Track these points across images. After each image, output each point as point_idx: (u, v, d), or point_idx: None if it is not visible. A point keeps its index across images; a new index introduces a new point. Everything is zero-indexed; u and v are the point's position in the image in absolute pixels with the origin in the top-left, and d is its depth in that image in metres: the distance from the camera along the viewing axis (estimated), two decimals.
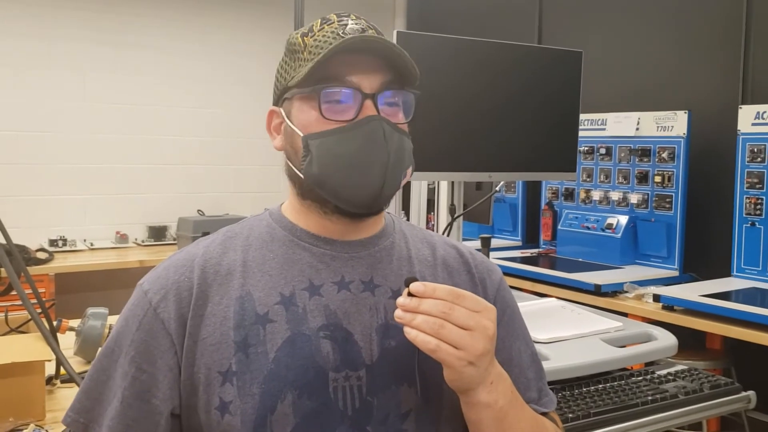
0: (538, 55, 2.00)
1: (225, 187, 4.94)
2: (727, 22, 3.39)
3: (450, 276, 1.04)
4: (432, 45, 1.82)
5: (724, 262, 3.16)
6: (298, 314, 0.92)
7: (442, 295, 0.85)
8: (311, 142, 0.93)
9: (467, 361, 0.84)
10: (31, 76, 4.32)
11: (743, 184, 3.07)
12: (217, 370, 0.89)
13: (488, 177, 1.94)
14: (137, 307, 0.95)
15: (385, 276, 0.98)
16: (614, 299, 2.99)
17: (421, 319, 0.84)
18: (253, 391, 0.88)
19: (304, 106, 0.95)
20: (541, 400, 1.05)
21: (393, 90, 0.95)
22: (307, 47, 0.95)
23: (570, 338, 1.71)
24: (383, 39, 0.93)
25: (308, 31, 0.97)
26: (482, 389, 0.88)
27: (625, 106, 3.66)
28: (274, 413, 0.88)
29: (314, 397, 0.89)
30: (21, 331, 1.90)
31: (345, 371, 0.91)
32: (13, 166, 4.29)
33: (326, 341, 0.92)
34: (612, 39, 3.92)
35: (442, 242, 1.08)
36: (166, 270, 0.96)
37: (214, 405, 0.89)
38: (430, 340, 0.83)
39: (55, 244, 4.21)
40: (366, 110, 0.92)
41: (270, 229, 1.00)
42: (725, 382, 1.62)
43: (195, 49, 4.83)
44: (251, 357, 0.90)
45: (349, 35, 0.93)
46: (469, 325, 0.84)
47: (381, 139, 0.91)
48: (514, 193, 4.21)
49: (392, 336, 0.93)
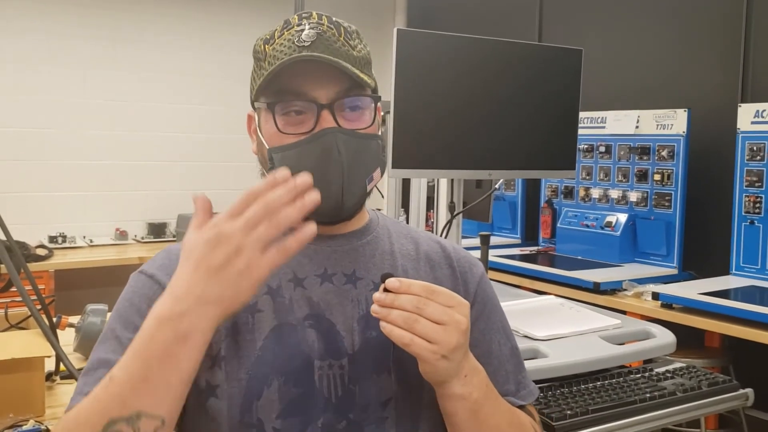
0: (539, 53, 2.00)
1: (225, 183, 4.93)
2: (727, 20, 3.39)
3: (432, 270, 1.06)
4: (432, 42, 1.82)
5: (723, 260, 3.16)
6: (284, 305, 0.95)
7: (417, 290, 0.87)
8: (275, 156, 0.97)
9: (441, 354, 0.86)
10: (30, 72, 4.32)
11: (742, 182, 3.07)
12: (207, 353, 0.90)
13: (488, 175, 1.94)
14: (144, 287, 0.96)
15: (367, 269, 1.01)
16: (613, 297, 2.99)
17: (396, 314, 0.86)
18: (240, 376, 0.91)
19: (267, 116, 0.98)
20: (519, 393, 1.07)
21: (350, 97, 0.97)
22: (267, 57, 0.97)
23: (568, 335, 1.71)
24: (330, 47, 0.95)
25: (270, 38, 0.99)
26: (456, 382, 0.91)
27: (625, 104, 3.66)
28: (261, 398, 0.91)
29: (300, 384, 0.92)
30: (21, 328, 1.91)
31: (329, 360, 0.94)
32: (12, 162, 4.29)
33: (311, 330, 0.95)
34: (612, 37, 3.91)
35: (426, 237, 1.11)
36: (168, 257, 0.99)
37: (200, 387, 0.91)
38: (404, 335, 0.85)
39: (54, 240, 4.22)
40: (323, 121, 0.95)
41: None
42: (723, 379, 1.62)
43: (195, 45, 4.83)
44: (240, 344, 0.93)
45: (304, 41, 0.95)
46: (443, 319, 0.86)
47: (335, 153, 0.94)
48: (514, 191, 4.21)
49: (373, 327, 0.96)
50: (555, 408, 1.43)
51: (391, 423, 0.96)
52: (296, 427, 0.91)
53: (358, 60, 0.97)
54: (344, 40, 0.97)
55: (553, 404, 1.45)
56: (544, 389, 1.52)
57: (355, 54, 0.97)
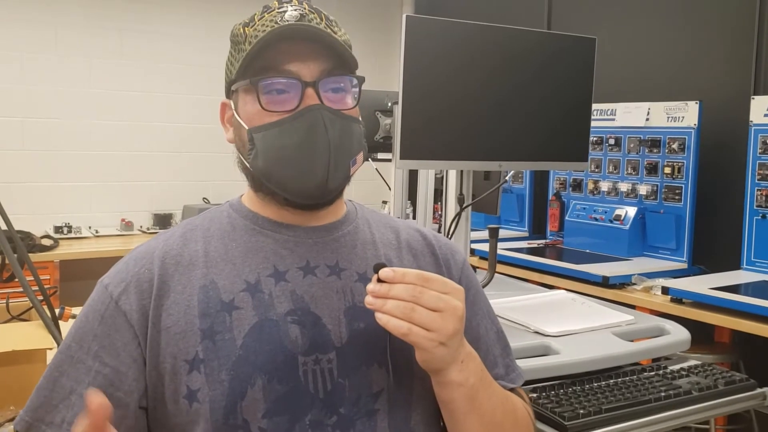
0: (551, 42, 1.96)
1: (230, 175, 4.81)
2: (740, 11, 3.34)
3: (415, 258, 1.06)
4: (440, 30, 1.78)
5: (734, 254, 3.13)
6: (264, 300, 0.93)
7: (412, 279, 0.86)
8: (255, 135, 0.94)
9: (438, 342, 0.86)
10: (36, 62, 4.30)
11: (754, 176, 3.03)
12: (183, 358, 0.89)
13: (498, 166, 1.90)
14: (97, 302, 0.94)
15: (350, 260, 0.99)
16: (622, 291, 2.96)
17: (392, 304, 0.85)
18: (221, 377, 0.89)
19: (247, 97, 0.96)
20: (508, 376, 1.08)
21: (334, 76, 0.95)
22: (247, 38, 0.95)
23: (580, 332, 1.68)
24: (314, 27, 0.93)
25: (249, 21, 0.97)
26: (454, 368, 0.90)
27: (636, 96, 3.62)
28: (245, 399, 0.88)
29: (284, 381, 0.90)
30: (23, 319, 1.89)
31: (315, 354, 0.92)
32: (18, 152, 4.27)
33: (294, 326, 0.92)
34: (622, 28, 3.86)
35: (405, 226, 1.11)
36: (126, 264, 0.97)
37: (182, 394, 0.89)
38: (402, 325, 0.85)
39: (60, 231, 4.21)
40: (307, 99, 0.93)
41: (231, 219, 1.02)
42: (740, 378, 1.58)
43: (201, 35, 4.79)
44: (218, 344, 0.90)
45: (287, 20, 0.93)
46: (439, 306, 0.86)
47: (322, 129, 0.92)
48: (522, 184, 4.17)
49: (361, 318, 0.95)
50: (567, 407, 1.39)
51: (383, 415, 0.94)
52: (283, 425, 0.89)
53: (342, 42, 0.96)
54: (326, 24, 0.96)
55: (565, 403, 1.41)
56: (556, 387, 1.48)
57: (337, 37, 0.96)
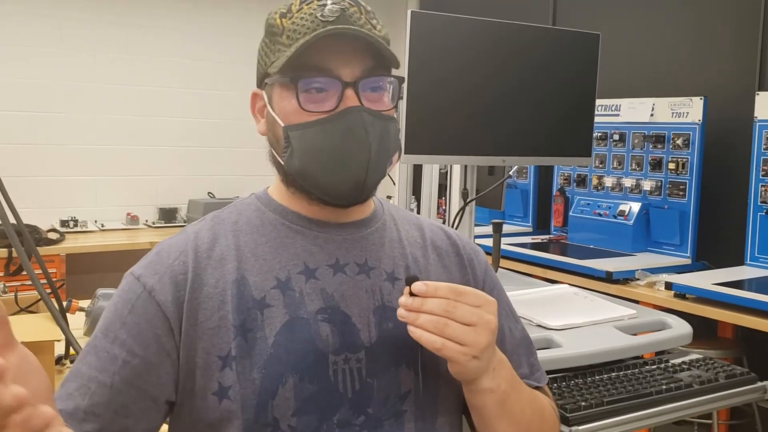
0: (555, 37, 1.97)
1: (236, 169, 4.92)
2: (745, 6, 3.33)
3: (440, 258, 1.04)
4: (445, 25, 1.79)
5: (738, 250, 3.13)
6: (295, 298, 0.92)
7: (444, 293, 0.85)
8: (292, 134, 0.92)
9: (472, 356, 0.85)
10: (42, 57, 4.31)
11: (759, 171, 3.03)
12: (216, 354, 0.88)
13: (502, 161, 1.91)
14: (128, 292, 0.92)
15: (378, 258, 0.98)
16: (626, 286, 2.96)
17: (425, 318, 0.85)
18: (253, 376, 0.88)
19: (284, 93, 0.93)
20: (533, 375, 1.07)
21: (375, 76, 0.93)
22: (285, 31, 0.92)
23: (583, 325, 1.69)
24: (358, 30, 0.90)
25: (287, 11, 0.94)
26: (486, 377, 0.90)
27: (640, 91, 3.61)
28: (276, 397, 0.87)
29: (315, 380, 0.89)
30: (31, 311, 1.90)
31: (344, 354, 0.91)
32: (25, 146, 4.29)
33: (325, 324, 0.91)
34: (626, 23, 3.86)
35: (428, 224, 1.10)
36: (158, 255, 0.95)
37: (211, 390, 0.88)
38: (435, 340, 0.84)
39: (66, 224, 4.23)
40: (347, 99, 0.90)
41: (259, 213, 0.99)
42: (740, 372, 1.59)
43: (207, 29, 4.80)
44: (250, 342, 0.89)
45: (328, 17, 0.90)
46: (472, 321, 0.85)
47: (362, 132, 0.90)
48: (526, 179, 4.18)
49: (389, 318, 0.94)
50: (569, 399, 1.41)
51: (410, 416, 0.93)
52: (312, 424, 0.88)
53: (382, 39, 0.93)
54: (366, 18, 0.93)
55: (567, 395, 1.43)
56: (558, 380, 1.50)
57: (377, 33, 0.93)
